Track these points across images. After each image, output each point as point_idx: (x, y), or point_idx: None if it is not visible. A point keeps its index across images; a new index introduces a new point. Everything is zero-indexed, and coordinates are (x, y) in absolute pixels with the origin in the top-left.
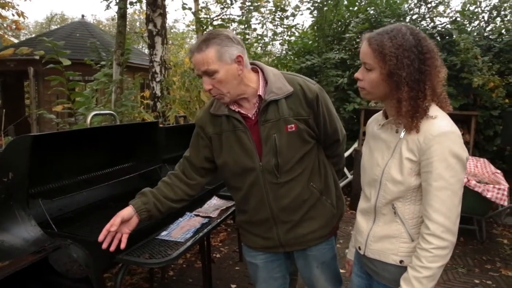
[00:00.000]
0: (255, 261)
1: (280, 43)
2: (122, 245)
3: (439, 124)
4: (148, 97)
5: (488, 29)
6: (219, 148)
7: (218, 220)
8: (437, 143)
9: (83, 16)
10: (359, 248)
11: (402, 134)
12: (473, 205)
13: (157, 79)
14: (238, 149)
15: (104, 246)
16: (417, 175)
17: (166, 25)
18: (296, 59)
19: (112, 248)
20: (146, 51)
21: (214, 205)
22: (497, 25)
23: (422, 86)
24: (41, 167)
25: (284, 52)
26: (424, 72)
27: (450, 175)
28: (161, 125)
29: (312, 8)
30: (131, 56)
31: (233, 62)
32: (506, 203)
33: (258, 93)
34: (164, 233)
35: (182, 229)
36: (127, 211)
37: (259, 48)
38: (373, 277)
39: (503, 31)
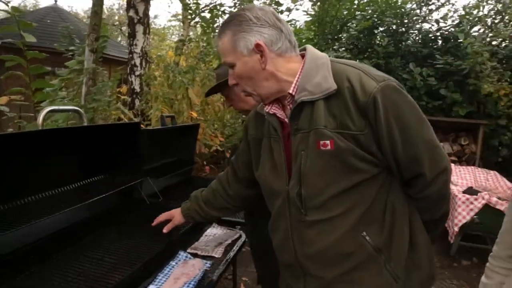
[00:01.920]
0: None
1: None
2: (164, 230)
3: None
4: (125, 92)
5: (490, 35)
6: (256, 158)
7: (224, 266)
8: None
9: (56, 1)
10: None
11: None
12: (494, 224)
13: (137, 73)
14: (269, 164)
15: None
16: None
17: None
18: None
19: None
20: (124, 43)
21: (214, 237)
22: (500, 31)
23: None
24: None
25: None
26: None
27: None
28: (142, 127)
29: (314, 1)
30: (107, 46)
31: (252, 52)
32: None
33: (288, 91)
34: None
35: (177, 283)
36: (176, 212)
37: None
38: None
39: (506, 37)
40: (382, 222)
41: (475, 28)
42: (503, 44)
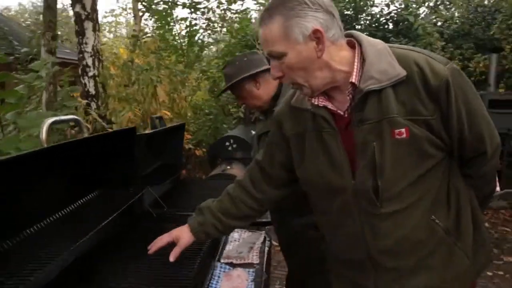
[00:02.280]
0: None
1: (227, 29)
2: (171, 258)
3: None
4: (78, 96)
5: (433, 16)
6: (301, 154)
7: (267, 271)
8: None
9: None
10: None
11: None
12: None
13: (90, 74)
14: (323, 159)
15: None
16: None
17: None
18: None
19: (151, 251)
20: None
21: (242, 241)
22: (443, 12)
23: None
24: None
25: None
26: None
27: None
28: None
29: None
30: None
31: (308, 39)
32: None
33: (350, 80)
34: None
35: None
36: (182, 232)
37: (206, 36)
38: None
39: (452, 17)
40: (448, 205)
41: (421, 10)
42: (446, 25)
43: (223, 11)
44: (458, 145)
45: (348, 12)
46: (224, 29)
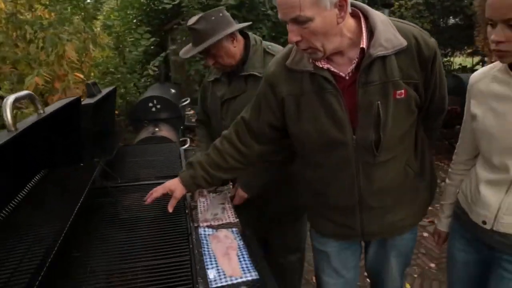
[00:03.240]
0: (325, 249)
1: None
2: (170, 209)
3: None
4: None
5: None
6: (296, 114)
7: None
8: None
9: None
10: (484, 222)
11: None
12: None
13: None
14: (324, 117)
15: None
16: None
17: None
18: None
19: (148, 201)
20: None
21: (211, 203)
22: None
23: None
24: None
25: None
26: None
27: None
28: None
29: None
30: None
31: (333, 6)
32: None
33: (361, 46)
34: (211, 276)
35: (231, 260)
36: (175, 184)
37: None
38: (501, 252)
39: None
40: (416, 152)
41: None
42: None
43: None
44: (429, 103)
45: None
46: None
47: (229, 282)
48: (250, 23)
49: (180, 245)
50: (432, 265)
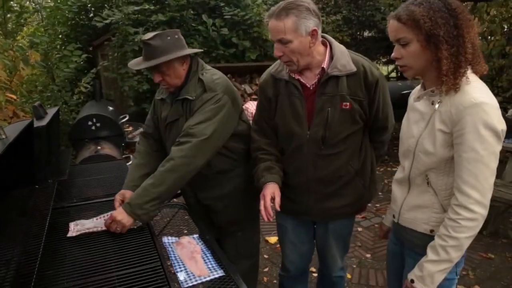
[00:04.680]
0: (285, 223)
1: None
2: (277, 207)
3: (472, 95)
4: None
5: None
6: (275, 110)
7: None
8: (469, 114)
9: None
10: (394, 216)
11: (437, 105)
12: None
13: None
14: (289, 114)
15: (265, 218)
16: (449, 146)
17: None
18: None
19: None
20: None
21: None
22: None
23: (461, 40)
24: None
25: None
26: (460, 26)
27: (482, 148)
28: None
29: None
30: None
31: (308, 34)
32: None
33: (322, 66)
34: (181, 278)
35: (198, 262)
36: (273, 187)
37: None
38: (404, 244)
39: None
40: (359, 156)
41: None
42: None
43: None
44: (373, 120)
45: None
46: None
47: (199, 281)
48: (202, 50)
49: (148, 252)
50: (368, 255)
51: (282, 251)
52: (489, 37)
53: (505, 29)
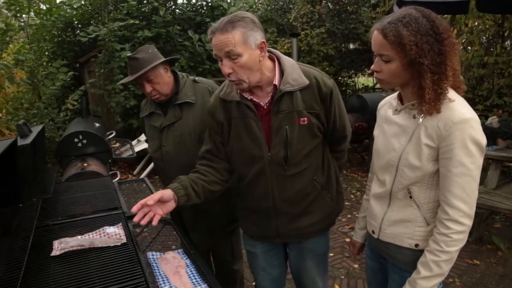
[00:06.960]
0: (254, 250)
1: (35, 11)
2: (154, 223)
3: (460, 111)
4: None
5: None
6: (228, 134)
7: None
8: (458, 130)
9: None
10: (373, 232)
11: (421, 119)
12: None
13: None
14: (246, 138)
15: (136, 219)
16: (435, 160)
17: None
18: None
19: (143, 222)
20: None
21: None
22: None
23: (443, 68)
24: None
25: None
26: (444, 53)
27: (470, 162)
28: None
29: None
30: None
31: (257, 47)
32: None
33: (274, 83)
34: None
35: (182, 277)
36: (167, 192)
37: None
38: (387, 260)
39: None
40: (323, 169)
41: None
42: (251, 10)
43: None
44: (332, 131)
45: None
46: (32, 12)
47: None
48: (178, 57)
49: (132, 268)
50: (356, 265)
51: (254, 278)
52: (468, 47)
53: (483, 40)
